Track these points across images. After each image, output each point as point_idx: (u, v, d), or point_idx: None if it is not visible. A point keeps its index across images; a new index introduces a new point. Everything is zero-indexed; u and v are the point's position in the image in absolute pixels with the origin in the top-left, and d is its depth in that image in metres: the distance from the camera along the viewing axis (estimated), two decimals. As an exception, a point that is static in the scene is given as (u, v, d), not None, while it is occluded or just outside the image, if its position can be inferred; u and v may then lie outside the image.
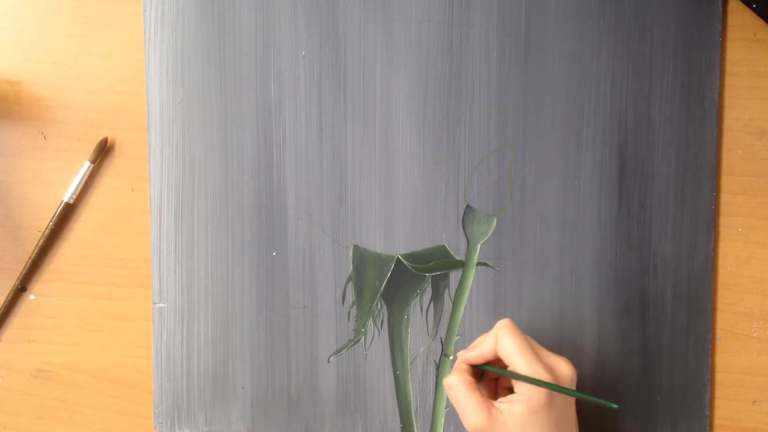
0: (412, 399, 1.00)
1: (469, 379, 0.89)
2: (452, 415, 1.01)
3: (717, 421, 1.01)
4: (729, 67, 0.98)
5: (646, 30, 0.97)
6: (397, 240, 0.99)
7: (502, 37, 0.97)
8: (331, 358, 1.00)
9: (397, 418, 1.01)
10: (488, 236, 0.99)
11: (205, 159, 0.99)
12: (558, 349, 0.99)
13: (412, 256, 0.99)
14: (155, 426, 1.02)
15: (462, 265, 0.99)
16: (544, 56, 0.98)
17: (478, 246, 0.99)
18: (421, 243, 0.99)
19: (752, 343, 1.00)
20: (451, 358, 1.00)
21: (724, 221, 0.99)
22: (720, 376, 1.01)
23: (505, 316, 0.96)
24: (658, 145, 0.98)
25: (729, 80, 0.98)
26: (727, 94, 0.98)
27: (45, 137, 1.01)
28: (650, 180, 0.98)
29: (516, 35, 0.98)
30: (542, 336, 0.99)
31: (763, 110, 0.98)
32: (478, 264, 0.99)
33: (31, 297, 1.02)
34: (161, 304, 1.01)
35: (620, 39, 0.97)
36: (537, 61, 0.98)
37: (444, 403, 1.01)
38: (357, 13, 0.98)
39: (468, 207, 0.99)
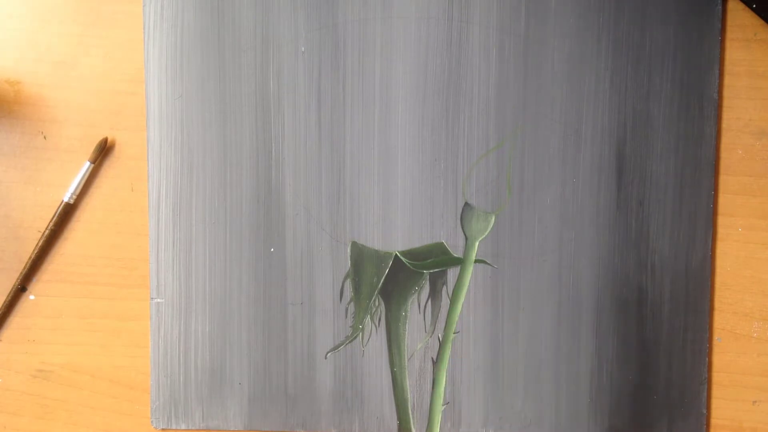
0: (409, 396, 0.98)
1: None
2: (449, 412, 0.99)
3: (717, 422, 0.99)
4: (729, 67, 0.96)
5: (645, 28, 0.95)
6: (395, 236, 0.97)
7: (502, 35, 0.95)
8: (329, 354, 0.98)
9: (394, 415, 0.99)
10: (486, 233, 0.97)
11: (203, 154, 0.97)
12: (555, 346, 0.98)
13: (410, 253, 0.97)
14: (152, 421, 1.00)
15: (460, 262, 0.97)
16: (543, 54, 0.96)
17: (477, 243, 0.97)
18: (419, 240, 0.97)
19: (752, 343, 0.98)
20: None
21: (723, 221, 0.97)
22: (720, 376, 0.98)
23: (503, 314, 0.96)
24: (657, 144, 0.96)
25: (729, 80, 0.96)
26: (727, 94, 0.96)
27: (45, 137, 0.99)
28: (649, 178, 0.96)
29: (515, 33, 0.95)
30: (539, 334, 0.97)
31: (763, 110, 0.96)
32: (476, 261, 0.97)
33: (31, 297, 1.00)
34: (159, 300, 0.98)
35: (620, 37, 0.95)
36: (536, 59, 0.96)
37: (441, 400, 0.98)
38: (357, 9, 0.96)
39: (466, 204, 0.97)
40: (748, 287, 0.98)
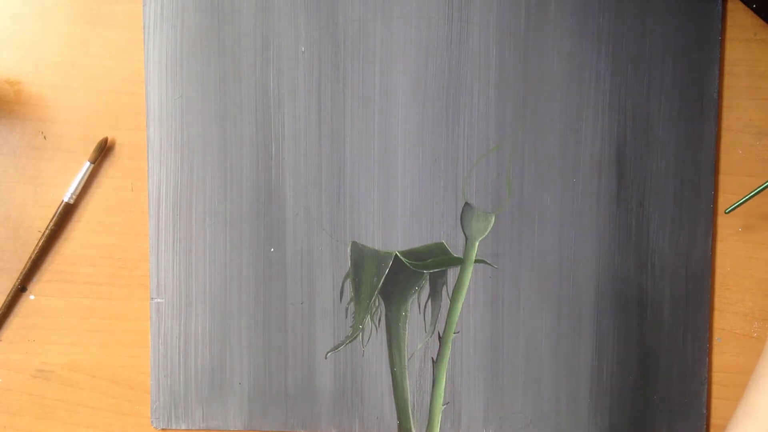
0: (409, 396, 0.98)
1: None
2: (449, 411, 0.99)
3: (717, 422, 0.98)
4: (729, 67, 0.96)
5: (645, 28, 0.95)
6: (395, 236, 0.97)
7: (502, 35, 0.95)
8: (329, 354, 0.98)
9: (394, 415, 0.98)
10: (486, 233, 0.97)
11: (203, 154, 0.97)
12: (555, 346, 0.98)
13: (410, 253, 0.97)
14: (152, 421, 0.99)
15: (460, 262, 0.97)
16: (543, 54, 0.95)
17: (477, 243, 0.97)
18: (419, 240, 0.97)
19: (752, 343, 0.98)
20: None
21: (723, 221, 0.97)
22: (720, 376, 0.98)
23: (503, 314, 0.96)
24: (657, 144, 0.95)
25: (729, 80, 0.96)
26: (727, 94, 0.96)
27: (45, 137, 0.99)
28: (649, 178, 0.96)
29: (515, 33, 0.95)
30: (540, 334, 0.97)
31: (763, 110, 0.96)
32: (477, 261, 0.97)
33: (31, 297, 1.00)
34: (159, 300, 0.98)
35: (620, 37, 0.95)
36: (536, 59, 0.95)
37: (441, 400, 0.98)
38: (357, 9, 0.96)
39: (466, 204, 0.96)
40: (748, 287, 0.98)
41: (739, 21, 0.96)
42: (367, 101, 0.97)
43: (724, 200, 0.97)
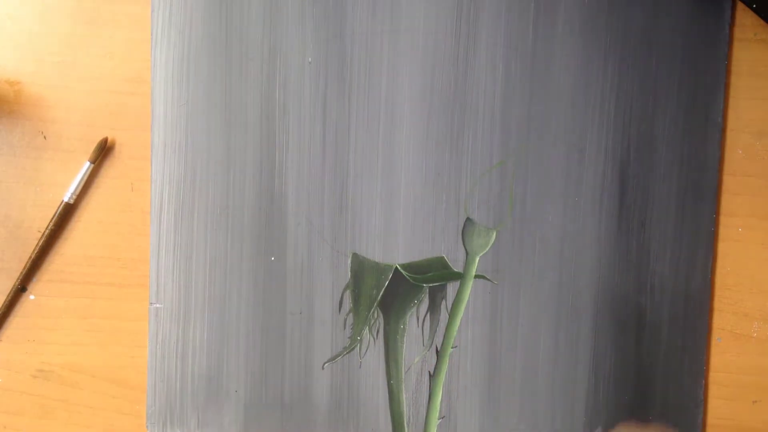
0: (405, 409, 0.98)
1: None
2: (445, 426, 0.99)
3: (717, 421, 0.99)
4: (729, 67, 0.97)
5: (652, 49, 0.95)
6: (396, 249, 0.97)
7: (508, 52, 0.95)
8: (326, 365, 0.98)
9: (390, 428, 0.99)
10: (487, 249, 0.97)
11: (207, 161, 0.97)
12: (553, 364, 0.98)
13: (410, 266, 0.97)
14: (147, 426, 0.99)
15: (460, 277, 0.97)
16: (549, 72, 0.95)
17: (477, 259, 0.97)
18: (420, 253, 0.97)
19: (752, 343, 0.99)
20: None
21: (724, 221, 0.97)
22: (720, 376, 0.99)
23: (501, 329, 0.96)
24: (660, 165, 0.95)
25: (729, 80, 0.97)
26: (728, 94, 0.97)
27: (45, 137, 0.98)
28: (651, 199, 0.96)
29: (522, 50, 0.95)
30: (537, 351, 0.98)
31: (764, 110, 0.97)
32: (476, 276, 0.97)
33: (31, 297, 1.00)
34: (158, 305, 0.98)
35: (626, 57, 0.95)
36: (542, 77, 0.95)
37: (437, 414, 0.98)
38: (365, 22, 0.95)
39: (468, 219, 0.96)
40: (748, 287, 0.98)
41: (739, 21, 0.96)
42: (372, 113, 0.96)
43: (725, 201, 0.97)
